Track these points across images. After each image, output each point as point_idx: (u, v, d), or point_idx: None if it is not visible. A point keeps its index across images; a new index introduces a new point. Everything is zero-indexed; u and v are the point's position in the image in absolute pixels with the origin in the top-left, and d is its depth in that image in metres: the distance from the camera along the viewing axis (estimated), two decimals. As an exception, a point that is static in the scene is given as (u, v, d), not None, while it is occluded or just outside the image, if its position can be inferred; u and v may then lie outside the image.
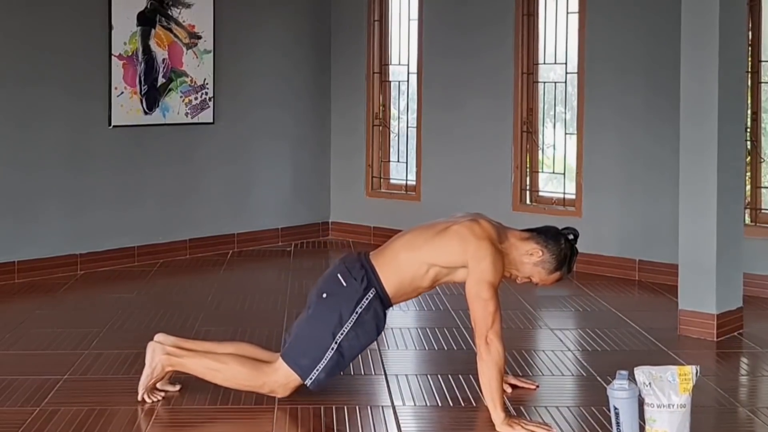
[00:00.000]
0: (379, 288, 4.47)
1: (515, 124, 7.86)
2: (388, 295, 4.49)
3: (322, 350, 4.41)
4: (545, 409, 4.49)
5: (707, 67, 5.64)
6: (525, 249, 4.48)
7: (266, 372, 4.48)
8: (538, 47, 7.86)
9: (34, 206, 7.17)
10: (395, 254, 4.51)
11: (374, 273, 4.48)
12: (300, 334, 4.49)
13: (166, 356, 4.52)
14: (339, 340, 4.40)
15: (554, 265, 4.49)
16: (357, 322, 4.42)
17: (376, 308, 4.45)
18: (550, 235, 4.52)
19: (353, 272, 4.48)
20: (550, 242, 4.49)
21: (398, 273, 4.48)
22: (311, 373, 4.43)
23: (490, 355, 4.24)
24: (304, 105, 8.76)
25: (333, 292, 4.47)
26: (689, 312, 5.75)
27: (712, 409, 4.55)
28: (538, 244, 4.49)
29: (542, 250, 4.48)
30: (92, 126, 7.45)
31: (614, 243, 7.39)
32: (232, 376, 4.47)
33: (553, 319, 6.19)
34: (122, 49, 7.53)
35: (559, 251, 4.49)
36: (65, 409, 4.43)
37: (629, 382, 4.08)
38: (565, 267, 4.52)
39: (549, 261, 4.48)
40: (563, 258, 4.49)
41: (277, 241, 8.57)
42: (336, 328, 4.41)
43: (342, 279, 4.48)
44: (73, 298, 6.67)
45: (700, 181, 5.68)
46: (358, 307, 4.43)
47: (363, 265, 4.50)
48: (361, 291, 4.44)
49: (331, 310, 4.43)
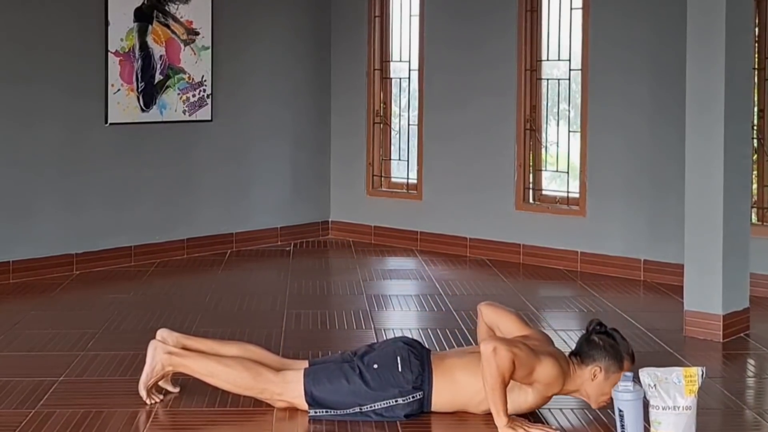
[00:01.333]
0: (427, 394, 4.39)
1: (518, 121, 7.86)
2: (431, 406, 4.41)
3: (343, 406, 4.36)
4: (549, 411, 4.48)
5: (713, 63, 5.63)
6: (586, 376, 4.33)
7: (271, 380, 4.43)
8: (542, 43, 7.85)
9: (30, 205, 7.17)
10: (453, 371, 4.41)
11: (430, 378, 4.40)
12: (332, 376, 4.40)
13: (167, 356, 4.51)
14: (364, 410, 4.37)
15: (617, 363, 4.31)
16: (390, 408, 4.36)
17: (414, 407, 4.38)
18: (586, 347, 4.37)
19: (413, 365, 4.39)
20: (593, 353, 4.34)
21: (453, 393, 4.39)
22: (319, 410, 4.38)
23: (495, 357, 4.21)
24: (304, 102, 8.75)
25: (384, 369, 4.38)
26: (695, 312, 5.74)
27: (719, 411, 4.55)
28: (588, 363, 4.33)
29: (597, 366, 4.32)
30: (88, 124, 7.44)
31: (619, 242, 7.38)
32: (234, 380, 4.43)
33: (556, 320, 6.19)
34: (119, 45, 7.53)
35: (606, 351, 4.32)
36: (61, 412, 4.43)
37: (634, 383, 4.08)
38: (623, 353, 4.33)
39: (610, 365, 4.31)
40: (614, 350, 4.33)
41: (276, 240, 8.57)
42: (366, 401, 4.35)
43: (400, 364, 4.39)
44: (69, 298, 6.66)
45: (706, 179, 5.68)
46: (400, 398, 4.36)
47: (423, 363, 4.42)
48: (410, 387, 4.37)
49: (373, 383, 4.36)
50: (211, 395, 4.59)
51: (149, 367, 4.53)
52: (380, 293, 6.78)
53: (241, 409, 4.48)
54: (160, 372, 4.53)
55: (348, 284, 7.06)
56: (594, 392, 4.33)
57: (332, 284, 7.10)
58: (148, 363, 4.53)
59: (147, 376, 4.53)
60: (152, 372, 4.52)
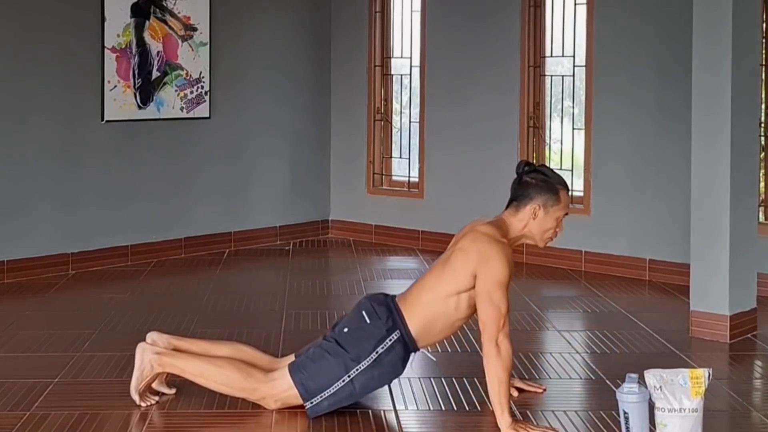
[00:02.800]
0: (404, 331, 4.44)
1: (521, 119, 7.86)
2: (414, 338, 4.46)
3: (332, 380, 4.39)
4: (552, 413, 4.49)
5: (719, 60, 5.63)
6: (527, 217, 4.48)
7: (261, 379, 4.45)
8: (545, 39, 7.85)
9: (24, 204, 7.17)
10: (417, 298, 4.50)
11: (400, 315, 4.46)
12: (314, 357, 4.45)
13: (156, 356, 4.51)
14: (352, 375, 4.38)
15: (552, 195, 4.47)
16: (375, 361, 4.39)
17: (398, 351, 4.42)
18: (520, 188, 4.51)
19: (379, 311, 4.46)
20: (528, 191, 4.48)
21: (423, 315, 4.46)
22: (314, 398, 4.39)
23: (499, 358, 4.23)
24: (304, 99, 8.76)
25: (355, 328, 4.45)
26: (701, 313, 5.74)
27: (725, 413, 4.55)
28: (526, 204, 4.47)
29: (534, 203, 4.46)
30: (84, 121, 7.45)
31: (624, 242, 7.38)
32: (225, 381, 4.45)
33: (560, 321, 6.19)
34: (115, 41, 7.53)
35: (540, 186, 4.47)
36: (56, 414, 4.43)
37: (639, 385, 4.08)
38: (557, 185, 4.49)
39: (547, 198, 4.47)
40: (547, 184, 4.48)
41: (275, 239, 8.58)
42: (351, 364, 4.38)
43: (366, 316, 4.46)
44: (64, 298, 6.67)
45: (712, 177, 5.68)
46: (379, 347, 4.40)
47: (389, 307, 4.49)
48: (384, 331, 4.42)
49: (350, 345, 4.41)
50: (208, 397, 4.59)
51: (138, 370, 4.53)
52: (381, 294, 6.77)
53: (239, 411, 4.48)
54: (150, 373, 4.52)
55: (348, 284, 7.06)
56: (538, 231, 4.49)
57: (332, 284, 7.10)
58: (137, 366, 4.54)
59: (137, 379, 4.53)
60: (142, 375, 4.52)
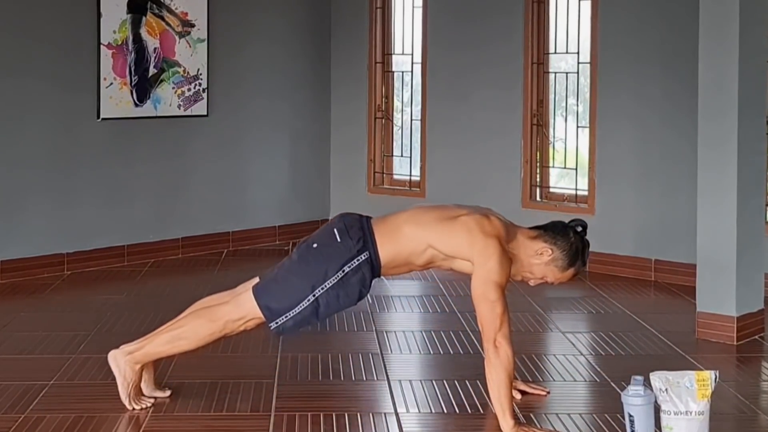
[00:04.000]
0: (373, 253, 4.44)
1: (525, 116, 7.86)
2: (381, 263, 4.46)
3: (297, 300, 4.39)
4: (556, 416, 4.49)
5: (726, 56, 5.63)
6: (534, 249, 4.46)
7: (226, 311, 4.45)
8: (549, 36, 7.85)
9: (19, 203, 7.17)
10: (398, 225, 4.49)
11: (372, 238, 4.46)
12: (278, 277, 4.46)
13: (129, 356, 4.52)
14: (318, 293, 4.39)
15: (567, 262, 4.47)
16: (341, 281, 4.40)
17: (364, 272, 4.43)
18: (558, 230, 4.50)
19: (351, 231, 4.46)
20: (559, 238, 4.47)
21: (397, 244, 4.46)
22: (279, 318, 4.41)
23: (498, 359, 4.23)
24: (303, 96, 8.76)
25: (324, 244, 4.46)
26: (708, 314, 5.74)
27: (732, 416, 4.55)
28: (546, 242, 4.47)
29: (551, 248, 4.46)
30: (80, 119, 7.44)
31: (629, 242, 7.38)
32: (194, 333, 4.45)
33: (564, 322, 6.19)
34: (111, 37, 7.53)
35: (569, 247, 4.46)
36: (51, 417, 4.43)
37: (645, 388, 4.08)
38: (579, 262, 4.49)
39: (560, 258, 4.46)
40: (575, 253, 4.47)
41: (274, 239, 8.58)
42: (317, 282, 4.39)
43: (337, 234, 4.46)
44: (60, 299, 6.67)
45: (718, 176, 5.68)
46: (346, 266, 4.41)
47: (362, 227, 4.48)
48: (354, 251, 4.42)
49: (317, 261, 4.42)
50: (205, 399, 4.59)
51: (120, 377, 4.53)
52: (382, 294, 6.77)
53: (237, 413, 4.49)
54: (132, 376, 4.52)
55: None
56: (525, 264, 4.48)
57: (332, 285, 7.09)
58: (117, 375, 4.54)
59: (123, 386, 4.52)
60: (125, 381, 4.52)
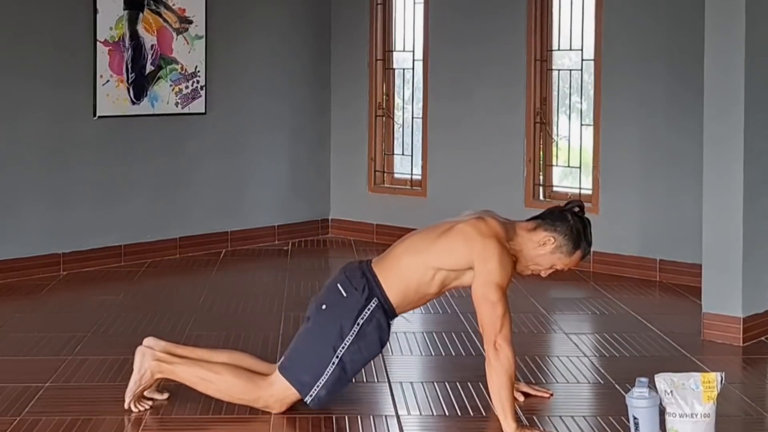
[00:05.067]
0: (381, 297, 4.46)
1: (527, 114, 7.86)
2: (392, 304, 4.48)
3: (323, 365, 4.40)
4: (560, 419, 4.49)
5: (733, 52, 5.62)
6: (536, 240, 4.48)
7: (262, 386, 4.47)
8: (552, 32, 7.85)
9: (14, 202, 7.17)
10: (397, 260, 4.50)
11: (376, 281, 4.47)
12: (299, 348, 4.48)
13: (156, 363, 4.51)
14: (340, 354, 4.39)
15: (572, 245, 4.48)
16: (359, 334, 4.41)
17: (379, 319, 4.44)
18: (556, 216, 4.51)
19: (354, 282, 4.47)
20: (558, 223, 4.48)
21: (402, 280, 4.47)
22: (311, 390, 4.42)
23: (499, 361, 4.23)
24: (303, 94, 8.75)
25: (333, 303, 4.46)
26: (714, 315, 5.74)
27: (738, 419, 4.55)
28: (547, 230, 4.48)
29: (552, 235, 4.47)
30: (76, 117, 7.44)
31: (633, 242, 7.38)
32: (226, 387, 4.46)
33: (568, 323, 6.19)
34: (108, 34, 7.53)
35: (570, 230, 4.47)
36: (47, 419, 4.43)
37: (649, 390, 4.08)
38: (583, 242, 4.50)
39: (564, 244, 4.47)
40: (577, 235, 4.48)
41: (273, 239, 8.57)
42: (337, 342, 4.40)
43: (342, 289, 4.47)
44: (56, 300, 6.67)
45: (725, 175, 5.67)
46: (359, 318, 4.42)
47: (364, 274, 4.49)
48: (362, 301, 4.43)
49: (331, 322, 4.42)
50: (204, 402, 4.59)
51: (137, 374, 4.53)
52: (383, 295, 6.77)
53: (235, 416, 4.48)
54: (150, 380, 4.53)
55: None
56: (530, 258, 4.49)
57: (332, 285, 7.09)
58: (136, 370, 4.54)
59: (135, 383, 4.53)
60: (140, 380, 4.52)
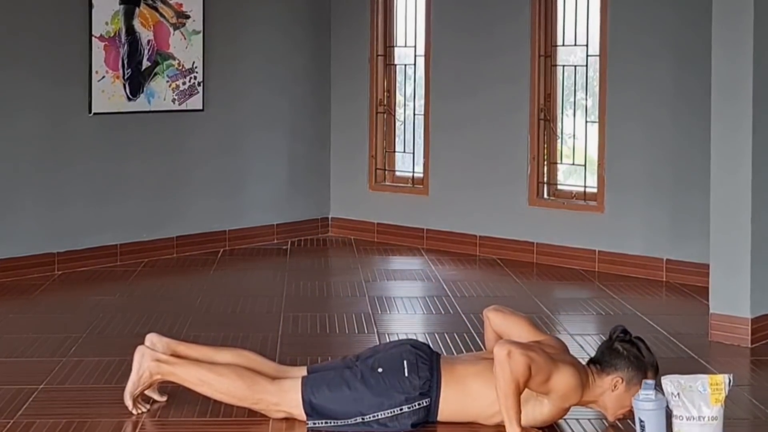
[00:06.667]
0: (434, 402, 4.38)
1: (532, 111, 7.85)
2: (439, 413, 4.40)
3: (343, 414, 4.35)
4: (565, 422, 4.48)
5: (741, 47, 5.62)
6: (606, 386, 4.33)
7: (268, 389, 4.42)
8: (557, 27, 7.84)
9: (7, 201, 7.16)
10: (469, 379, 4.38)
11: (438, 384, 4.39)
12: (332, 383, 4.39)
13: (155, 363, 4.50)
14: (367, 419, 4.35)
15: (641, 374, 4.31)
16: (395, 417, 4.34)
17: (420, 416, 4.36)
18: (608, 355, 4.37)
19: (420, 370, 4.38)
20: (615, 362, 4.34)
21: (463, 402, 4.38)
22: (319, 421, 4.37)
23: (509, 363, 4.20)
24: (302, 90, 8.75)
25: (389, 375, 4.37)
26: (721, 316, 5.74)
27: (747, 422, 4.55)
28: (610, 373, 4.33)
29: (619, 375, 4.32)
30: (71, 114, 7.44)
31: (639, 241, 7.38)
32: (227, 389, 4.42)
33: (573, 324, 6.19)
34: (103, 29, 7.53)
35: (629, 361, 4.33)
36: (41, 422, 4.43)
37: (656, 392, 4.08)
38: (647, 363, 4.34)
39: (633, 376, 4.32)
40: (638, 361, 4.33)
41: (272, 238, 8.58)
42: (370, 409, 4.34)
43: (406, 368, 4.38)
44: (50, 300, 6.67)
45: (732, 172, 5.67)
46: (405, 406, 4.35)
47: (431, 368, 4.40)
48: (416, 393, 4.35)
49: (377, 388, 4.35)
50: (202, 405, 4.59)
51: (136, 374, 4.52)
52: (384, 295, 6.78)
53: (234, 419, 4.48)
54: (148, 380, 4.52)
55: (349, 285, 7.06)
56: (613, 404, 4.34)
57: (332, 285, 7.10)
58: (134, 370, 4.53)
59: (133, 384, 4.52)
60: (139, 380, 4.52)
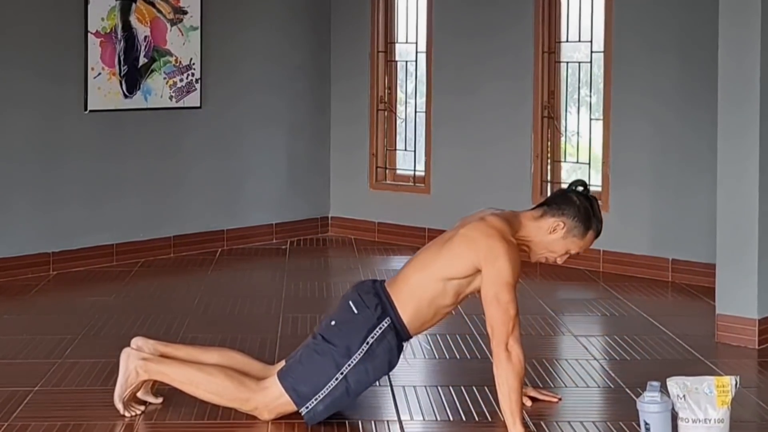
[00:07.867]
0: (394, 317, 4.45)
1: (535, 108, 7.85)
2: (406, 325, 4.47)
3: (325, 380, 4.39)
4: (568, 424, 4.49)
5: (748, 43, 5.62)
6: (545, 228, 4.48)
7: (254, 388, 4.45)
8: (561, 23, 7.85)
9: (2, 200, 7.16)
10: (407, 279, 4.51)
11: (389, 301, 4.48)
12: (303, 359, 4.47)
13: (142, 362, 4.51)
14: (345, 371, 4.38)
15: (583, 226, 4.48)
16: (367, 353, 4.39)
17: (390, 340, 4.43)
18: (560, 199, 4.52)
19: (366, 300, 4.47)
20: (564, 207, 4.48)
21: (414, 297, 4.47)
22: (308, 403, 4.39)
23: (510, 364, 4.22)
24: (302, 88, 8.75)
25: (343, 320, 4.46)
26: (728, 317, 5.74)
27: (754, 424, 4.54)
28: (554, 215, 4.48)
29: (561, 220, 4.47)
30: (66, 111, 7.44)
31: (645, 241, 7.38)
32: (216, 390, 4.44)
33: (577, 325, 6.19)
34: (99, 25, 7.53)
35: (578, 211, 4.47)
36: (36, 425, 4.43)
37: (661, 394, 4.08)
38: (594, 221, 4.50)
39: (575, 226, 4.47)
40: (586, 214, 4.48)
41: (271, 238, 8.58)
42: (342, 359, 4.39)
43: (353, 306, 4.47)
44: (45, 301, 6.67)
45: (740, 171, 5.67)
46: (369, 337, 4.41)
47: (377, 293, 4.50)
48: (374, 320, 4.43)
49: (339, 338, 4.42)
50: (197, 407, 4.59)
51: (123, 376, 4.52)
52: (384, 296, 6.78)
53: (230, 422, 4.48)
54: (135, 380, 4.52)
55: (349, 286, 7.03)
56: (542, 246, 4.50)
57: (332, 286, 7.10)
58: (121, 373, 4.53)
59: (121, 387, 4.52)
60: (126, 382, 4.52)
